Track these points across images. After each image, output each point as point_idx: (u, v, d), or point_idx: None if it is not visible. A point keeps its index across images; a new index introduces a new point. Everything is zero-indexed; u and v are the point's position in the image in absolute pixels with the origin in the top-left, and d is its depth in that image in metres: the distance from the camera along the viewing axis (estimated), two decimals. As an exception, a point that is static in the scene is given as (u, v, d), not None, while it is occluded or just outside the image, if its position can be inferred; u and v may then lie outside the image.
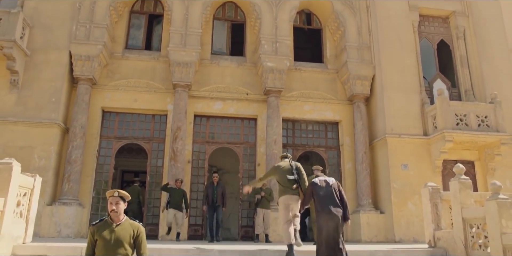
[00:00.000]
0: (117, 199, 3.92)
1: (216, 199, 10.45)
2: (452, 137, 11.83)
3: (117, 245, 3.80)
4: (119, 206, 3.89)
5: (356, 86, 13.09)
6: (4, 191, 5.63)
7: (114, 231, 3.84)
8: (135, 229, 3.93)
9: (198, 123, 12.77)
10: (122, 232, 3.85)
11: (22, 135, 11.03)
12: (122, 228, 3.89)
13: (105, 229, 3.86)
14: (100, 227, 3.89)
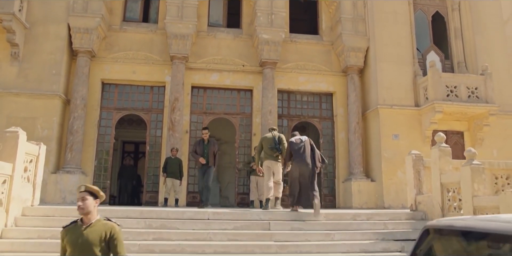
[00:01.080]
0: (83, 195, 3.22)
1: (207, 159, 9.40)
2: (442, 108, 12.17)
3: (84, 250, 3.12)
4: (86, 203, 3.19)
5: (350, 58, 13.33)
6: (12, 157, 6.07)
7: (82, 234, 3.15)
8: (108, 231, 3.21)
9: (196, 94, 13.11)
10: (91, 236, 3.16)
11: (25, 107, 11.41)
12: (92, 230, 3.19)
13: (73, 233, 3.19)
14: (69, 231, 3.22)
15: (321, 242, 6.36)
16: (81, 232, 3.16)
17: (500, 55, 13.91)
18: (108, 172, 12.47)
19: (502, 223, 1.93)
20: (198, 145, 9.59)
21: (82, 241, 3.11)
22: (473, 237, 2.10)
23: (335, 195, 13.26)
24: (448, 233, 2.32)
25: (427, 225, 2.53)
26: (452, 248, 2.26)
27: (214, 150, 9.59)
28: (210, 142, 9.62)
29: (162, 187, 11.55)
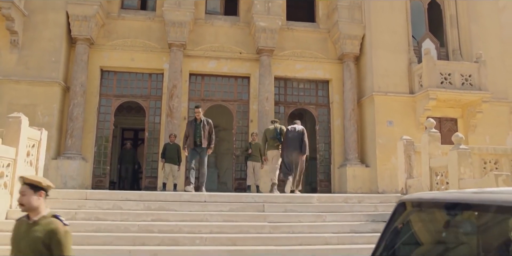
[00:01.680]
0: (22, 189, 2.71)
1: (200, 140, 8.49)
2: (436, 95, 12.38)
3: (21, 252, 2.68)
4: (25, 198, 2.68)
5: (346, 45, 13.48)
6: (15, 142, 6.30)
7: (25, 233, 2.70)
8: (49, 232, 2.64)
9: (193, 82, 13.29)
10: (32, 236, 2.67)
11: (25, 94, 11.60)
12: (35, 229, 2.68)
13: (18, 229, 2.77)
14: (16, 227, 2.80)
15: (313, 223, 6.64)
16: (24, 230, 2.70)
17: (495, 43, 14.06)
18: (107, 158, 12.72)
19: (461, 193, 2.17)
20: (190, 126, 8.69)
21: (23, 241, 2.67)
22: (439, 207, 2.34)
23: (330, 180, 13.54)
24: (418, 205, 2.57)
25: (401, 199, 2.78)
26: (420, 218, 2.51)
27: (210, 131, 8.69)
28: (204, 122, 8.67)
29: (161, 172, 11.80)
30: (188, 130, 8.69)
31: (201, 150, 8.55)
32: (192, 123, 8.75)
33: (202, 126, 8.53)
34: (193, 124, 8.68)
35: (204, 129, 8.53)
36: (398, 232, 2.62)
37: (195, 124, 8.67)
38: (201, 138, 8.46)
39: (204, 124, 8.59)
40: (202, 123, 8.61)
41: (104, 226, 6.06)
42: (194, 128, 8.56)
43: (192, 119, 9.02)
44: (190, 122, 8.96)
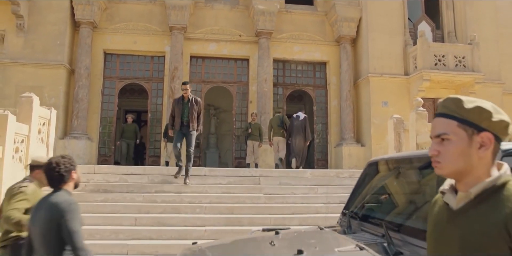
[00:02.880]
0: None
1: (188, 121, 7.53)
2: (430, 76, 12.74)
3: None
4: None
5: (343, 28, 13.79)
6: (28, 119, 6.77)
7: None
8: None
9: (194, 64, 13.68)
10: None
11: (32, 76, 12.03)
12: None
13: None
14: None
15: (306, 194, 7.15)
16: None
17: (489, 25, 14.33)
18: (112, 138, 13.22)
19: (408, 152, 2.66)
20: (177, 105, 7.65)
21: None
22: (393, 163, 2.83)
23: (327, 159, 14.04)
24: (384, 163, 3.06)
25: (369, 160, 3.28)
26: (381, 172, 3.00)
27: (198, 111, 7.76)
28: (192, 100, 7.64)
29: (163, 151, 12.31)
30: (174, 109, 7.67)
31: (187, 131, 7.56)
32: (179, 102, 7.66)
33: (190, 106, 7.51)
34: (180, 103, 7.62)
35: (193, 109, 7.51)
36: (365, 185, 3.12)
37: (182, 102, 7.62)
38: (189, 119, 7.48)
39: (193, 104, 7.55)
40: (190, 102, 7.55)
41: (112, 197, 6.59)
42: (181, 107, 7.54)
43: (179, 97, 7.85)
44: (176, 100, 7.79)
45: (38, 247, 2.53)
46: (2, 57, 11.98)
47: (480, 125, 1.21)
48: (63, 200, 2.53)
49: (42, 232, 2.50)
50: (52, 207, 2.49)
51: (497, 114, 1.22)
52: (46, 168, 2.65)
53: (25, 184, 3.37)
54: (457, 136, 1.22)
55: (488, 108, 1.23)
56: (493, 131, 1.21)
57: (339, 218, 3.21)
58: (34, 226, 2.57)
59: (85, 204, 6.41)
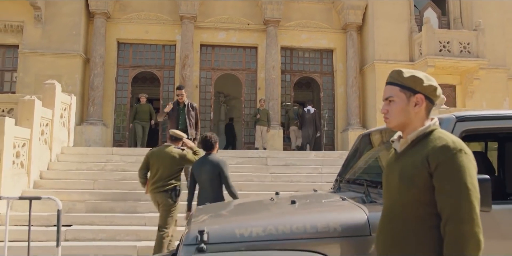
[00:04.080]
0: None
1: (184, 129, 6.71)
2: (434, 62, 13.02)
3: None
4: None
5: (350, 15, 14.07)
6: (51, 105, 7.30)
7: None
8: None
9: (204, 52, 14.11)
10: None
11: (50, 65, 12.57)
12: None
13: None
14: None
15: (310, 174, 7.61)
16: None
17: (495, 12, 14.49)
18: (126, 125, 13.77)
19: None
20: (171, 110, 6.84)
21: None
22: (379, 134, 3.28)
23: (334, 144, 14.46)
24: (372, 135, 3.51)
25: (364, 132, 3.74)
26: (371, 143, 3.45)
27: (196, 117, 6.97)
28: (189, 106, 6.89)
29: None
30: (168, 115, 6.90)
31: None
32: (173, 108, 6.83)
33: (187, 111, 6.76)
34: (175, 109, 6.80)
35: (189, 115, 6.78)
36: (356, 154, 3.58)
37: (177, 108, 6.82)
38: (185, 126, 6.71)
39: (189, 109, 6.80)
40: (187, 107, 6.79)
41: (129, 175, 7.12)
42: (176, 113, 6.76)
43: (174, 102, 7.01)
44: (172, 107, 6.89)
45: (206, 186, 4.29)
46: (21, 48, 12.55)
47: (415, 89, 1.65)
48: (219, 159, 4.36)
49: (209, 177, 4.26)
50: (214, 163, 4.29)
51: (428, 81, 1.67)
52: (203, 139, 4.44)
53: (182, 148, 4.99)
54: (399, 98, 1.67)
55: (420, 76, 1.67)
56: (424, 93, 1.65)
57: (332, 184, 3.68)
58: (201, 174, 4.31)
59: (105, 182, 6.97)
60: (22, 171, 6.34)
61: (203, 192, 4.31)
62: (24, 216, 5.48)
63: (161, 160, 4.78)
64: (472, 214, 1.43)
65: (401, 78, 1.68)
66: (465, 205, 1.43)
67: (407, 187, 1.56)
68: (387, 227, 1.66)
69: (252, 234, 2.14)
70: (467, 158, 1.50)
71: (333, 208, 2.48)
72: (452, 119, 2.31)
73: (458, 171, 1.47)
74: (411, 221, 1.56)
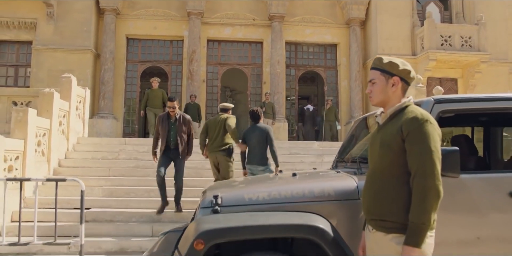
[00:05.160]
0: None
1: (176, 144, 6.10)
2: (436, 56, 13.32)
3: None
4: None
5: (353, 10, 14.37)
6: (68, 97, 7.72)
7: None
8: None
9: (211, 47, 14.48)
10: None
11: (62, 60, 13.00)
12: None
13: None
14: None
15: (313, 162, 7.99)
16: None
17: (498, 6, 14.72)
18: (136, 118, 14.20)
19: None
20: (162, 124, 6.12)
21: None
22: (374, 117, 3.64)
23: (337, 137, 14.77)
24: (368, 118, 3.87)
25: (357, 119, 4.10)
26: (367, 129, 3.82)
27: (188, 131, 6.27)
28: (181, 119, 6.16)
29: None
30: (158, 129, 6.18)
31: (175, 155, 6.11)
32: (163, 121, 6.13)
33: (178, 125, 6.11)
34: (166, 122, 6.11)
35: (181, 130, 6.12)
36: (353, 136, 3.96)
37: (168, 122, 6.12)
38: (177, 141, 6.09)
39: (181, 123, 6.13)
40: (178, 121, 6.12)
41: (142, 163, 7.54)
42: (167, 127, 6.09)
43: (164, 114, 6.26)
44: (161, 118, 6.20)
45: (255, 148, 5.68)
46: (35, 44, 12.99)
47: (392, 72, 2.02)
48: (266, 126, 5.88)
49: (257, 140, 5.66)
50: (262, 129, 5.71)
51: (403, 66, 2.04)
52: (251, 112, 5.91)
53: (231, 115, 6.19)
54: (379, 80, 2.04)
55: (397, 62, 2.04)
56: (400, 75, 2.02)
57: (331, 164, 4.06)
58: (252, 138, 5.71)
59: (120, 169, 7.39)
60: (43, 159, 6.77)
61: (252, 152, 5.72)
62: (47, 200, 5.91)
63: (218, 126, 6.05)
64: (434, 170, 1.80)
65: (381, 64, 2.05)
66: (429, 163, 1.80)
67: (386, 151, 1.94)
68: (369, 186, 2.03)
69: (259, 198, 2.53)
70: (432, 127, 1.87)
71: (329, 178, 2.87)
72: (431, 101, 2.67)
73: (424, 137, 1.84)
74: (388, 179, 1.93)
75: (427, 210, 1.75)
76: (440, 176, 1.81)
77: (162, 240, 3.17)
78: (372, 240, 1.98)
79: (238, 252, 2.52)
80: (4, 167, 5.63)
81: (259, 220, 2.36)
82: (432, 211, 1.77)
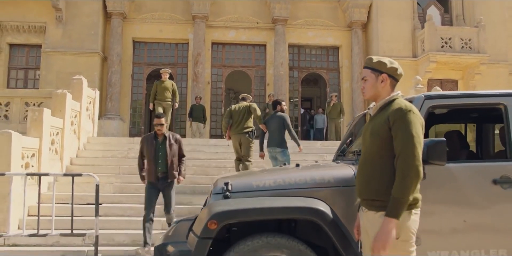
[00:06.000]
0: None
1: (164, 169, 5.23)
2: (436, 58, 13.57)
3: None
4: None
5: (355, 13, 14.65)
6: (79, 98, 8.02)
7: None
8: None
9: (215, 50, 14.79)
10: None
11: (70, 63, 13.33)
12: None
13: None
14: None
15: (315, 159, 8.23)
16: None
17: (497, 8, 14.96)
18: (142, 119, 14.50)
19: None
20: (148, 144, 5.28)
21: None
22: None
23: (340, 137, 15.02)
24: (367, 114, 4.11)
25: (357, 115, 4.37)
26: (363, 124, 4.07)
27: (179, 153, 5.39)
28: (170, 139, 5.31)
29: (189, 130, 13.52)
30: (143, 150, 5.35)
31: (165, 185, 5.27)
32: (149, 140, 5.29)
33: (169, 146, 5.24)
34: (153, 142, 5.25)
35: (170, 151, 5.23)
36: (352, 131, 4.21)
37: (155, 142, 5.26)
38: (166, 165, 5.20)
39: (171, 143, 5.28)
40: (168, 141, 5.26)
41: (151, 162, 7.82)
42: (154, 148, 5.22)
43: (150, 134, 5.43)
44: (146, 139, 5.38)
45: (274, 132, 6.62)
46: (44, 47, 13.34)
47: (381, 70, 2.29)
48: (283, 114, 6.67)
49: (277, 126, 6.60)
50: (280, 116, 6.61)
51: (391, 64, 2.31)
52: (274, 102, 6.97)
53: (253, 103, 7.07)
54: (370, 77, 2.31)
55: (385, 61, 2.31)
56: (388, 72, 2.29)
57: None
58: (272, 124, 6.68)
59: (129, 167, 7.66)
60: (56, 157, 7.06)
61: (271, 136, 6.69)
62: (62, 195, 6.19)
63: (241, 112, 6.83)
64: (415, 152, 2.05)
65: (371, 63, 2.32)
66: (410, 146, 2.06)
67: (375, 138, 2.20)
68: (361, 170, 2.30)
69: (265, 185, 2.80)
70: (415, 116, 2.14)
71: (329, 168, 3.14)
72: (421, 97, 2.94)
73: (407, 124, 2.11)
74: (377, 163, 2.19)
75: (407, 186, 2.01)
76: (421, 158, 2.07)
77: (175, 226, 3.45)
78: (365, 219, 2.24)
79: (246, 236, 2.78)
80: (21, 163, 5.91)
81: (265, 204, 2.63)
82: (412, 187, 2.02)
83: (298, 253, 2.56)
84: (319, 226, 2.65)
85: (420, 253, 2.72)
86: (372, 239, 2.12)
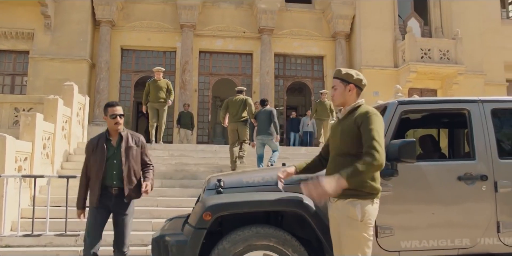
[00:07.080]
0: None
1: (119, 184, 3.54)
2: (416, 68, 14.09)
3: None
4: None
5: (338, 24, 15.14)
6: (70, 104, 8.21)
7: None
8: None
9: (203, 58, 15.09)
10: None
11: (59, 70, 13.46)
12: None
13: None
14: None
15: (300, 166, 8.53)
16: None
17: (474, 21, 15.60)
18: (129, 126, 14.64)
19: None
20: (97, 151, 3.63)
21: None
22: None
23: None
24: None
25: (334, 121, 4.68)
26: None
27: (143, 160, 3.73)
28: (129, 141, 3.66)
29: (176, 136, 13.72)
30: (88, 161, 3.72)
31: (118, 207, 3.65)
32: (99, 146, 3.64)
33: (125, 150, 3.61)
34: (102, 148, 3.62)
35: (130, 158, 3.61)
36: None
37: (106, 146, 3.63)
38: (122, 178, 3.57)
39: (130, 145, 3.65)
40: (125, 143, 3.64)
41: (140, 166, 8.02)
42: (104, 156, 3.59)
43: (101, 136, 3.76)
44: (93, 142, 3.76)
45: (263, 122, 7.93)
46: (32, 53, 13.46)
47: (348, 80, 2.63)
48: (271, 108, 8.20)
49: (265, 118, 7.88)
50: (268, 110, 8.05)
51: (357, 76, 2.65)
52: (261, 100, 8.79)
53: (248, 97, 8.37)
54: (339, 87, 2.65)
55: (352, 73, 2.65)
56: (354, 83, 2.63)
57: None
58: (261, 116, 7.98)
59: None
60: (47, 161, 7.22)
61: (262, 126, 7.85)
62: (55, 198, 6.33)
63: (238, 104, 8.10)
64: (376, 145, 2.38)
65: (340, 74, 2.66)
66: (373, 141, 2.39)
67: (345, 137, 2.54)
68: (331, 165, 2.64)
69: (255, 181, 3.08)
70: (378, 118, 2.50)
71: (312, 167, 3.42)
72: (395, 103, 3.27)
73: (372, 124, 2.45)
74: (347, 157, 2.52)
75: (365, 168, 2.34)
76: (384, 151, 2.38)
77: (169, 222, 3.69)
78: (334, 209, 2.56)
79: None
80: (15, 167, 6.07)
81: (255, 197, 2.92)
82: (367, 170, 2.34)
83: (284, 242, 2.84)
84: (303, 219, 2.94)
85: (393, 243, 3.03)
86: (341, 228, 2.44)
